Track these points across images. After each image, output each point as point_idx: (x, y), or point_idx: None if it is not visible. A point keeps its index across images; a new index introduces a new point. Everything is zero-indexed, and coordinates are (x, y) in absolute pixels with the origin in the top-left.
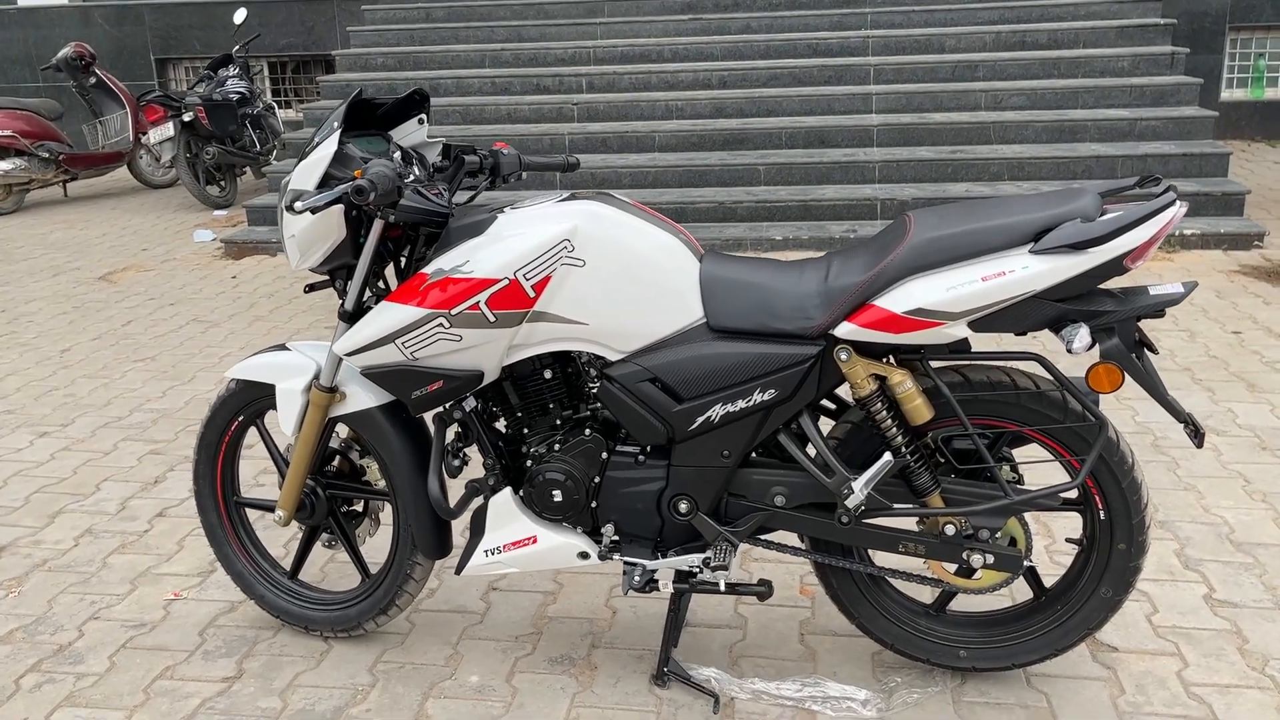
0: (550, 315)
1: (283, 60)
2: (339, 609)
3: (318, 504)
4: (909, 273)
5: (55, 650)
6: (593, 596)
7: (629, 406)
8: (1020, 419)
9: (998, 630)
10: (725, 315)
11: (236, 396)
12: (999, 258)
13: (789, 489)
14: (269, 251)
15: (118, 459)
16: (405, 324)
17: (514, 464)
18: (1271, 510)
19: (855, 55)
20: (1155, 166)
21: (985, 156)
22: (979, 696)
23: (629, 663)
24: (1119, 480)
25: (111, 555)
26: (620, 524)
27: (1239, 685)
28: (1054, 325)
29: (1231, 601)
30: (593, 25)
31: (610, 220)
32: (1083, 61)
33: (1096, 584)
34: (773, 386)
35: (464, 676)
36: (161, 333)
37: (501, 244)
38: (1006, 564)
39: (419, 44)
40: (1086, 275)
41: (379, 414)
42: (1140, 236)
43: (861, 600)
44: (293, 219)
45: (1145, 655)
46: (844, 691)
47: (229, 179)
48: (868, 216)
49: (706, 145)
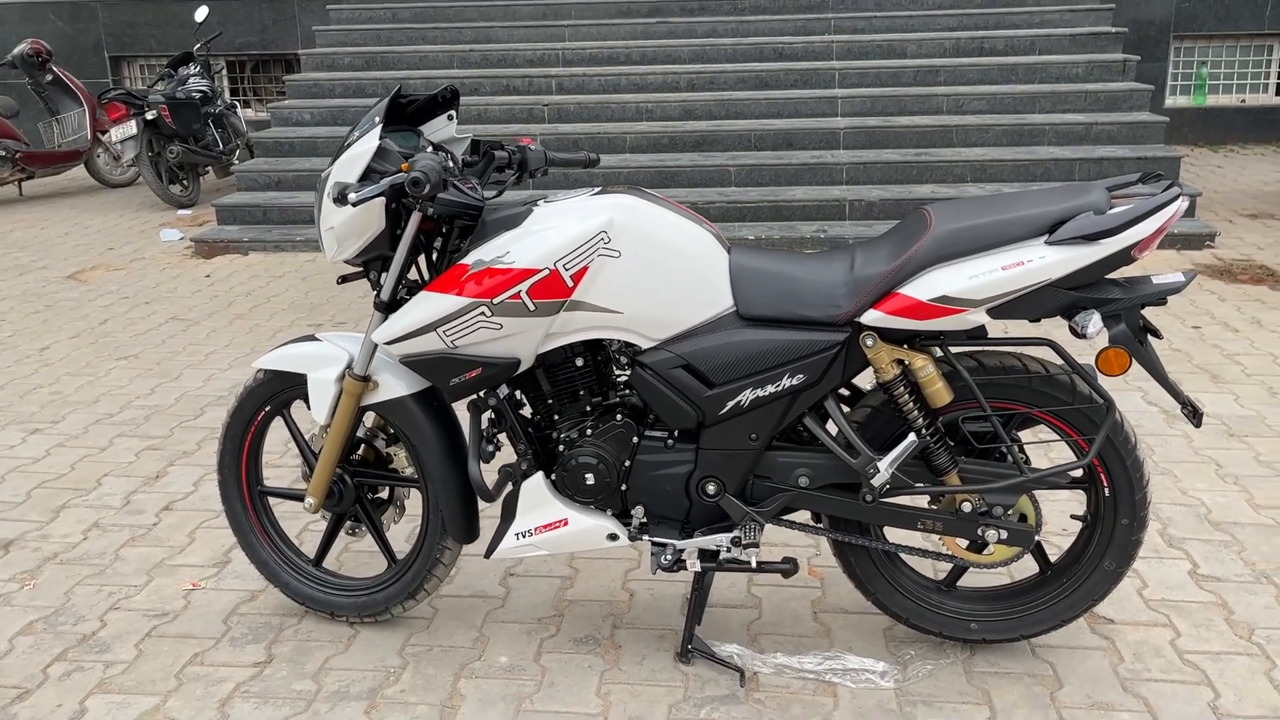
0: (587, 304)
1: (241, 59)
2: (366, 594)
3: (345, 491)
4: (933, 262)
5: (80, 640)
6: (609, 580)
7: (661, 392)
8: (1031, 401)
9: (1006, 604)
10: (755, 304)
11: (265, 387)
12: (1017, 248)
13: (813, 470)
14: (241, 250)
15: (115, 455)
16: (447, 313)
17: (543, 449)
18: (1244, 492)
19: (820, 60)
20: (1111, 169)
21: (949, 159)
22: (989, 667)
23: (652, 641)
24: (1123, 459)
25: (123, 548)
26: (649, 506)
27: (1229, 652)
28: (1066, 312)
29: (1215, 576)
30: (560, 27)
31: (644, 213)
32: (1039, 67)
33: (1101, 557)
34: (801, 371)
35: (493, 657)
36: (140, 331)
37: (540, 235)
38: (1019, 539)
39: (386, 44)
40: (1098, 264)
41: (411, 402)
42: (1148, 228)
43: (878, 577)
44: (331, 211)
45: (1140, 626)
46: (863, 664)
47: (191, 178)
48: (837, 217)
49: (677, 147)
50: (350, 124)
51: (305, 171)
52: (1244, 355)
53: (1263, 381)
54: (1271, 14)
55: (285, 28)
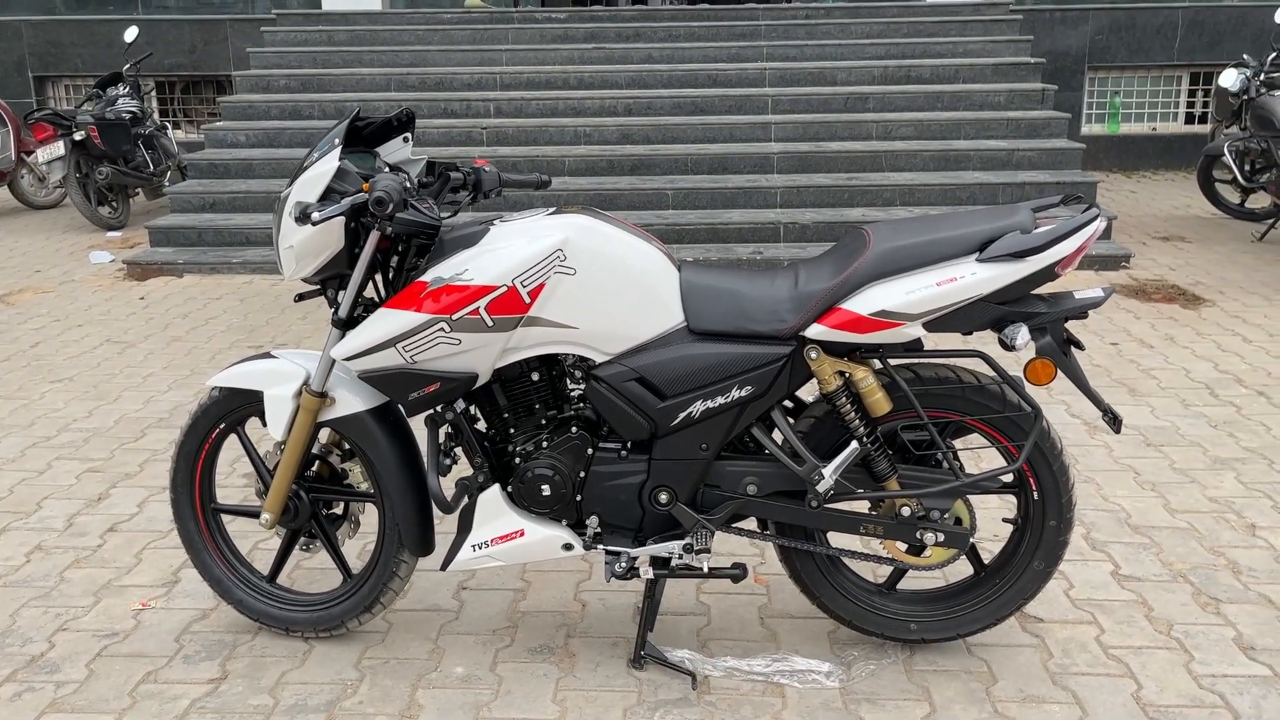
0: (543, 320)
1: (171, 80)
2: (322, 609)
3: (301, 507)
4: (872, 279)
5: (28, 661)
6: (561, 591)
7: (615, 404)
8: (964, 410)
9: (943, 604)
10: (705, 318)
11: (219, 404)
12: (951, 265)
13: (760, 478)
14: (175, 273)
15: (54, 478)
16: (406, 329)
17: (499, 462)
18: (1161, 498)
19: (753, 86)
20: (1032, 193)
21: (879, 183)
22: (928, 665)
23: (605, 649)
24: (1050, 464)
25: (68, 570)
26: (603, 516)
27: (1150, 646)
28: (995, 325)
29: (1135, 576)
30: (497, 51)
31: (598, 232)
32: (963, 95)
33: (1031, 558)
34: (749, 383)
35: (449, 668)
36: (74, 354)
37: (498, 253)
38: (955, 541)
39: (322, 66)
40: (1025, 280)
41: (368, 417)
42: (1070, 246)
43: (822, 581)
44: (291, 230)
45: (1067, 624)
46: (809, 665)
47: (121, 200)
48: (772, 239)
49: (616, 170)
50: (285, 146)
51: (240, 193)
52: (1159, 370)
53: (1176, 394)
54: (1180, 46)
55: (217, 49)
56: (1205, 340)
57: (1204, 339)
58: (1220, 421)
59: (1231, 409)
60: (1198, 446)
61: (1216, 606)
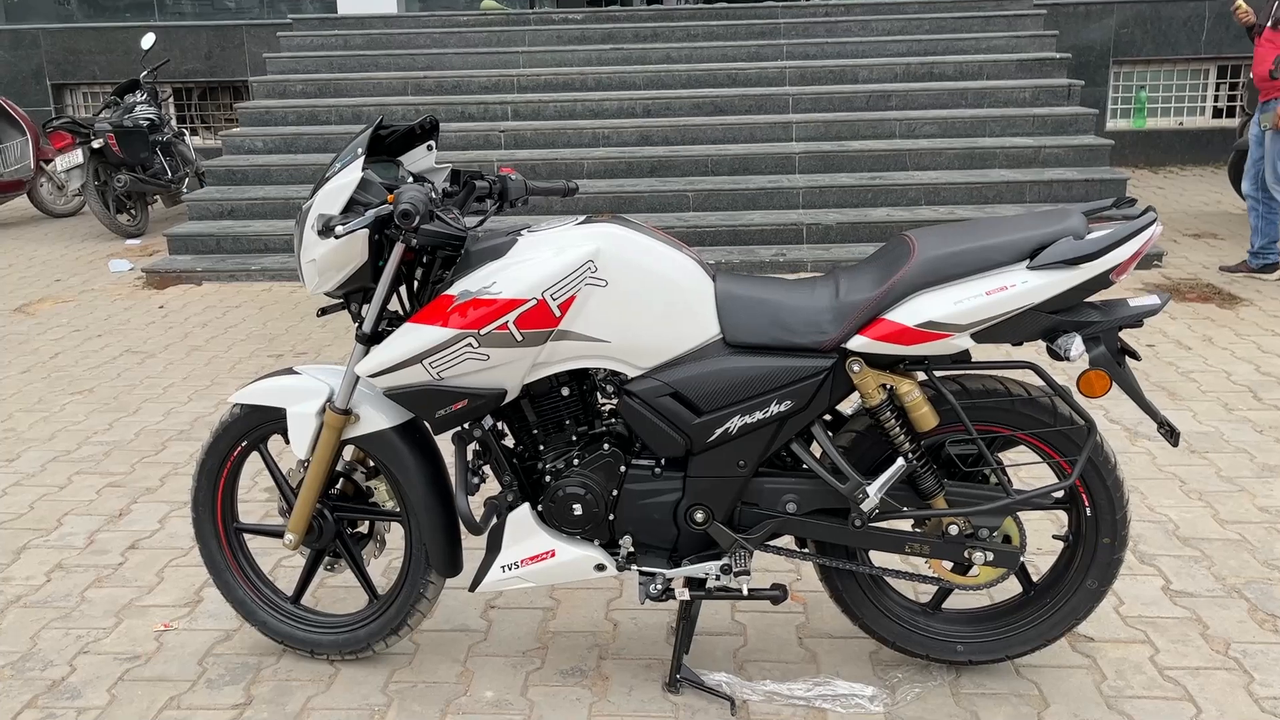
0: (574, 334)
1: (188, 86)
2: (347, 631)
3: (325, 527)
4: (918, 288)
5: (49, 686)
6: (592, 610)
7: (649, 420)
8: (1014, 424)
9: (992, 625)
10: (742, 331)
11: (241, 422)
12: (1000, 273)
13: (800, 496)
14: (194, 280)
15: (75, 493)
16: (433, 344)
17: (528, 480)
18: (1209, 507)
19: (773, 85)
20: (1060, 192)
21: (903, 183)
22: (975, 688)
23: (639, 671)
24: (1104, 479)
25: (89, 589)
26: (637, 535)
27: (1207, 667)
28: (1047, 335)
29: (1187, 591)
30: (514, 54)
31: (630, 242)
32: (988, 92)
33: (1083, 577)
34: (789, 398)
35: (479, 692)
36: (94, 365)
37: (527, 265)
38: (1005, 560)
39: (339, 71)
40: (1079, 288)
41: (393, 434)
42: (1127, 252)
43: (864, 601)
44: (314, 243)
45: (1119, 644)
46: (851, 689)
47: (140, 207)
48: (794, 241)
49: (635, 172)
50: (303, 151)
51: (259, 200)
52: (1198, 372)
53: (1218, 398)
54: (1207, 39)
55: (233, 55)
56: (1245, 341)
57: (1243, 340)
58: (1266, 426)
59: (1277, 413)
60: (1244, 453)
61: (1275, 624)
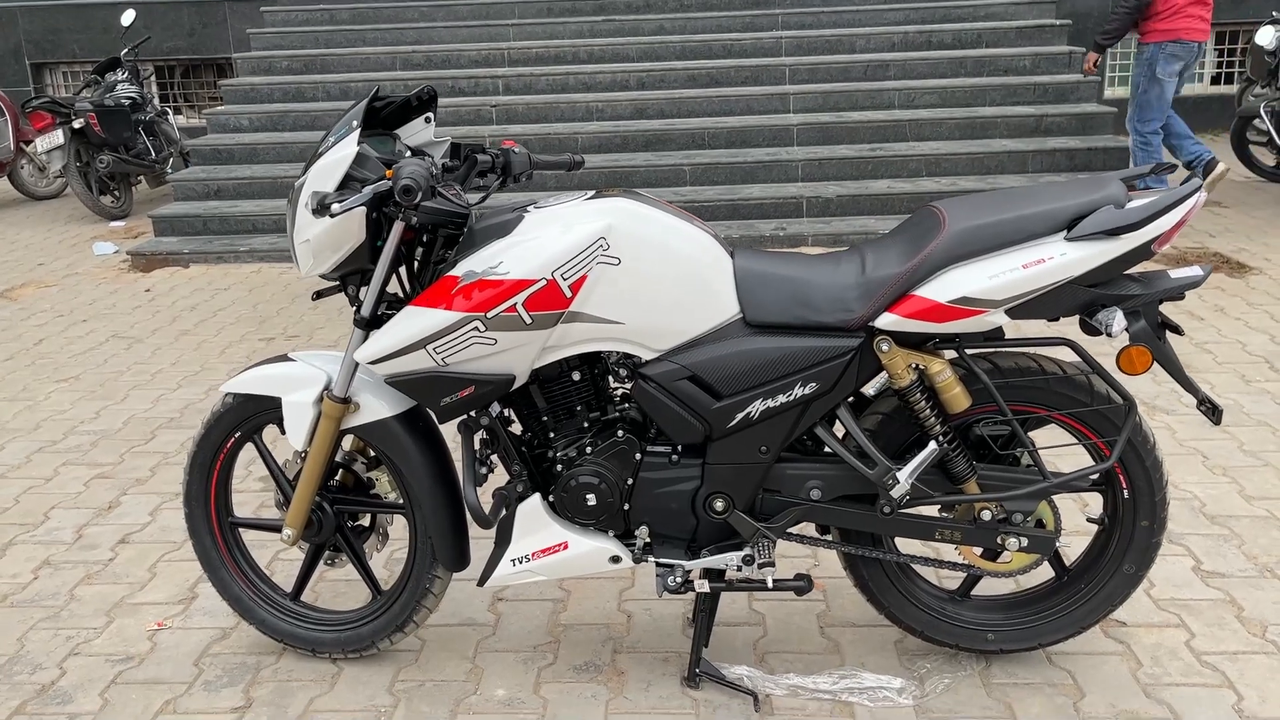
0: (586, 315)
1: (170, 64)
2: (350, 629)
3: (325, 520)
4: (950, 262)
5: (38, 691)
6: (604, 601)
7: (666, 405)
8: (1049, 404)
9: (1023, 612)
10: (763, 310)
11: (234, 412)
12: (1037, 245)
13: (825, 482)
14: (181, 263)
15: (62, 485)
16: (437, 329)
17: (538, 469)
18: (1234, 484)
19: (769, 56)
20: (1063, 161)
21: (903, 154)
22: (1007, 678)
23: (656, 666)
24: (1143, 459)
25: (78, 587)
26: (654, 526)
27: (1245, 651)
28: (1084, 310)
29: (1219, 572)
30: (504, 27)
31: (644, 217)
32: (987, 61)
33: (1120, 561)
34: (814, 380)
35: (489, 690)
36: (79, 351)
37: (535, 244)
38: (1040, 546)
39: (325, 47)
40: (1119, 260)
41: (395, 423)
42: (1170, 221)
43: (890, 589)
44: (308, 223)
45: (1153, 629)
46: (879, 681)
47: (123, 188)
48: (794, 214)
49: (630, 146)
50: (290, 129)
51: (246, 179)
52: (1213, 344)
53: (1234, 369)
54: None
55: (215, 31)
56: (1257, 311)
57: (1256, 309)
58: None
59: None
60: (1266, 426)
61: None
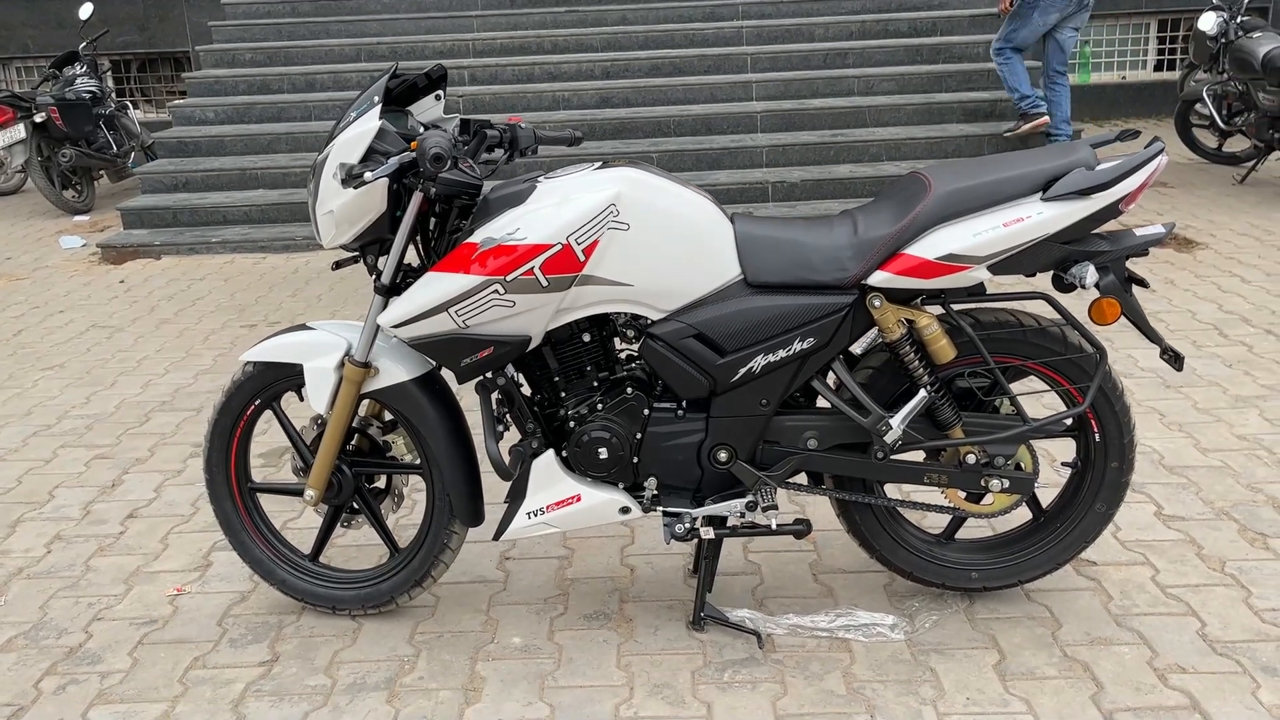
0: (597, 278)
1: (126, 58)
2: (370, 585)
3: (345, 482)
4: (937, 222)
5: (67, 653)
6: (607, 557)
7: (674, 363)
8: (1026, 354)
9: (1004, 551)
10: (763, 270)
11: (254, 380)
12: (1016, 205)
13: (821, 432)
14: (153, 254)
15: (62, 465)
16: (459, 292)
17: (549, 427)
18: (1190, 438)
19: (731, 45)
20: (1016, 144)
21: (864, 139)
22: (989, 614)
23: (662, 612)
24: (1113, 404)
25: (93, 558)
26: (661, 477)
27: (1206, 584)
28: (1059, 265)
29: (1179, 515)
30: (468, 18)
31: (650, 185)
32: (943, 48)
33: (1093, 500)
34: (811, 335)
35: (505, 639)
36: (60, 340)
37: (550, 211)
38: (1020, 486)
39: (288, 39)
40: (1091, 218)
41: (413, 386)
42: (1136, 181)
43: (881, 533)
44: (333, 193)
45: (1121, 566)
46: (873, 619)
47: (85, 183)
48: (760, 199)
49: (597, 134)
50: (256, 121)
51: (214, 171)
52: (1165, 313)
53: (1186, 336)
54: None
55: (173, 25)
56: (1205, 282)
57: (1204, 281)
58: (1234, 360)
59: (1243, 348)
60: (1217, 386)
61: (1265, 542)
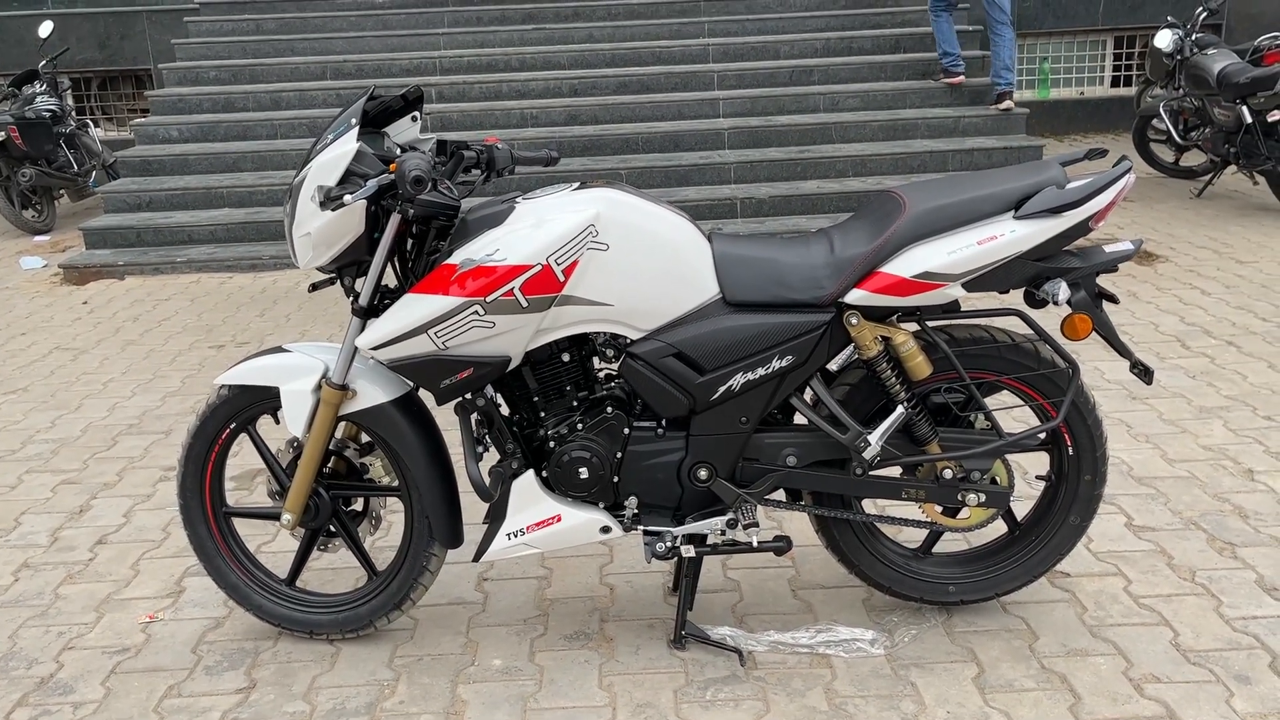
0: (577, 298)
1: (86, 76)
2: (348, 609)
3: (322, 505)
4: (912, 240)
5: (38, 683)
6: (586, 577)
7: (654, 382)
8: (1000, 369)
9: (980, 565)
10: (741, 289)
11: (229, 403)
12: (989, 223)
13: (800, 449)
14: (116, 275)
15: (28, 491)
16: (439, 314)
17: (528, 447)
18: (1157, 449)
19: (697, 63)
20: (981, 159)
21: (830, 155)
22: (967, 627)
23: (642, 631)
24: (1085, 418)
25: (61, 586)
26: (642, 496)
27: (1178, 594)
28: (1031, 282)
29: (1150, 526)
30: (435, 35)
31: (628, 205)
32: (906, 65)
33: (1066, 513)
34: (790, 353)
35: (486, 661)
36: (23, 363)
37: (529, 231)
38: (996, 500)
39: (253, 56)
40: (1061, 236)
41: (391, 408)
42: (1105, 200)
43: (860, 549)
44: (310, 215)
45: (1094, 577)
46: (853, 634)
47: (45, 202)
48: (729, 215)
49: (566, 151)
50: (221, 139)
51: (178, 190)
52: (1128, 325)
53: (1149, 348)
54: (1105, 10)
55: (135, 42)
56: (1166, 295)
57: (1165, 294)
58: (1197, 372)
59: (1205, 359)
60: (1181, 397)
61: (1233, 551)
